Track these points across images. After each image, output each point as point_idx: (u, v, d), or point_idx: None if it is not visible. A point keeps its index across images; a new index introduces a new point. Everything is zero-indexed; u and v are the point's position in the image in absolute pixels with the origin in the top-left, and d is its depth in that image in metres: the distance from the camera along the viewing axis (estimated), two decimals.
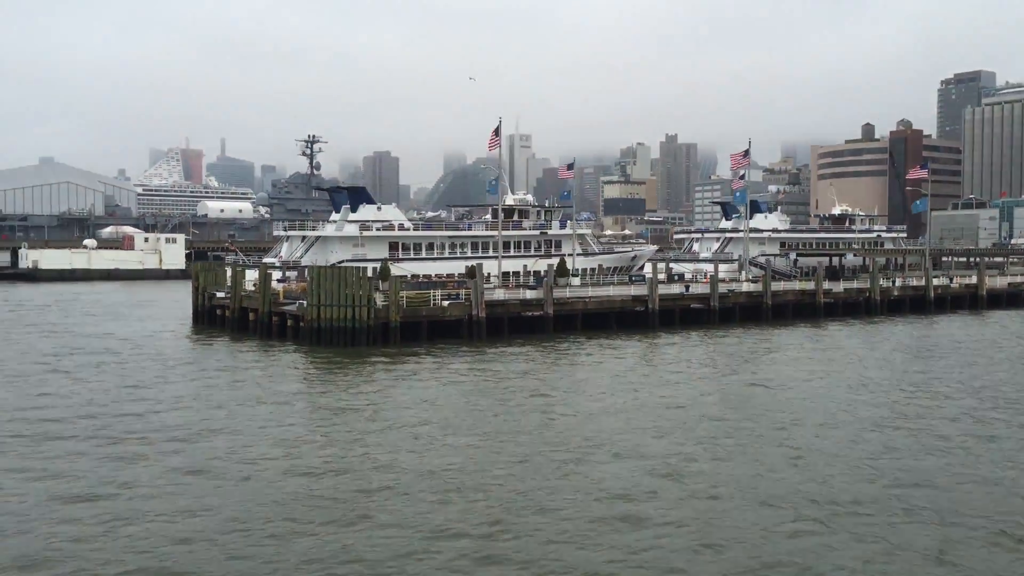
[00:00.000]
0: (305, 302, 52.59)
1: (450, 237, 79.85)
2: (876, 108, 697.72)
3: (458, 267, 76.49)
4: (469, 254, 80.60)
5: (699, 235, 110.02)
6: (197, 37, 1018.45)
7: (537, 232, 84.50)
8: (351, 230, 76.04)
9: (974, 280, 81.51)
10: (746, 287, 69.66)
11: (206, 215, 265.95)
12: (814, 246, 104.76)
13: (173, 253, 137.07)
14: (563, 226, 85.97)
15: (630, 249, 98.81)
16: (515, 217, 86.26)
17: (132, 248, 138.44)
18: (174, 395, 34.81)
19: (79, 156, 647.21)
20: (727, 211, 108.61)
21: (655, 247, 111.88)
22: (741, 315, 66.67)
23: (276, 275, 67.32)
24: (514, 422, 30.48)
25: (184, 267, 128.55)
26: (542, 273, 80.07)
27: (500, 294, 58.66)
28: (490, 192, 63.73)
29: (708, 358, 47.71)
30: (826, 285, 72.90)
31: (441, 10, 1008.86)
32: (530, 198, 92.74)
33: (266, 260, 75.25)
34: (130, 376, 39.49)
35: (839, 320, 68.51)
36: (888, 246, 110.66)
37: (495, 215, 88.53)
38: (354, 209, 78.57)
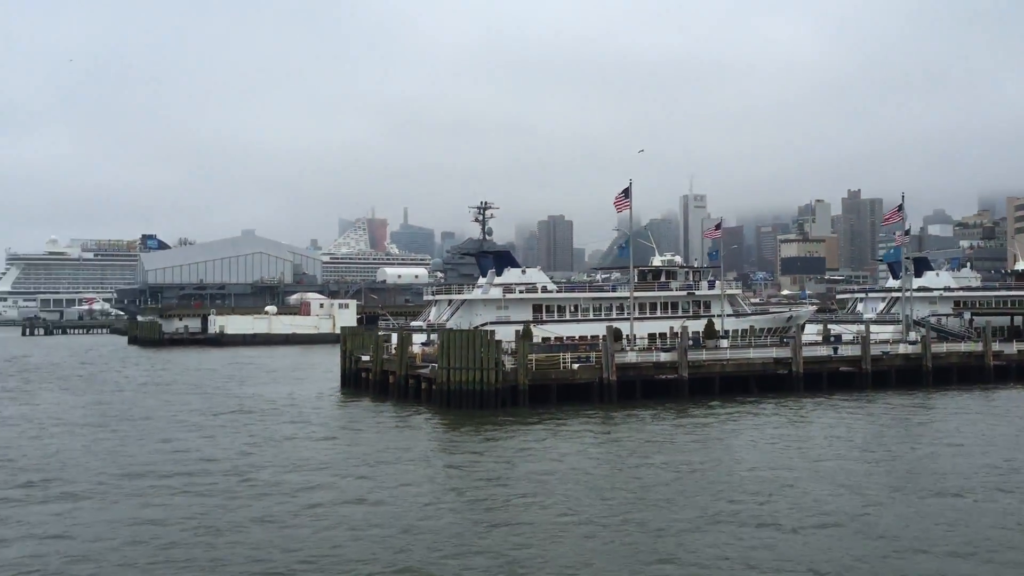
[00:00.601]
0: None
1: (593, 299, 79.95)
2: None
3: (602, 328, 76.24)
4: (614, 315, 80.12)
5: (863, 295, 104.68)
6: (381, 114, 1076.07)
7: (684, 293, 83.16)
8: (495, 293, 77.64)
9: None
10: (903, 349, 65.49)
11: (384, 281, 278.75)
12: (993, 305, 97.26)
13: (346, 318, 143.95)
14: (712, 287, 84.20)
15: (786, 310, 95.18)
16: (662, 278, 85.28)
17: (308, 313, 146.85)
18: (290, 454, 36.49)
19: (277, 228, 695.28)
20: (894, 269, 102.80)
21: (813, 308, 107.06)
22: (897, 379, 62.66)
23: (421, 338, 69.50)
24: (606, 488, 29.83)
25: None
26: (689, 335, 78.80)
27: (632, 357, 57.98)
28: (620, 255, 63.41)
29: (846, 425, 45.06)
30: (998, 347, 67.50)
31: (612, 75, 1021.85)
32: (678, 259, 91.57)
33: (413, 323, 77.97)
34: (258, 435, 41.78)
35: (1013, 385, 63.12)
36: None
37: (642, 277, 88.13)
38: (499, 273, 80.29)
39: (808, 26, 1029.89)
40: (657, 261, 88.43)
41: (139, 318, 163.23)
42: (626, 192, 58.56)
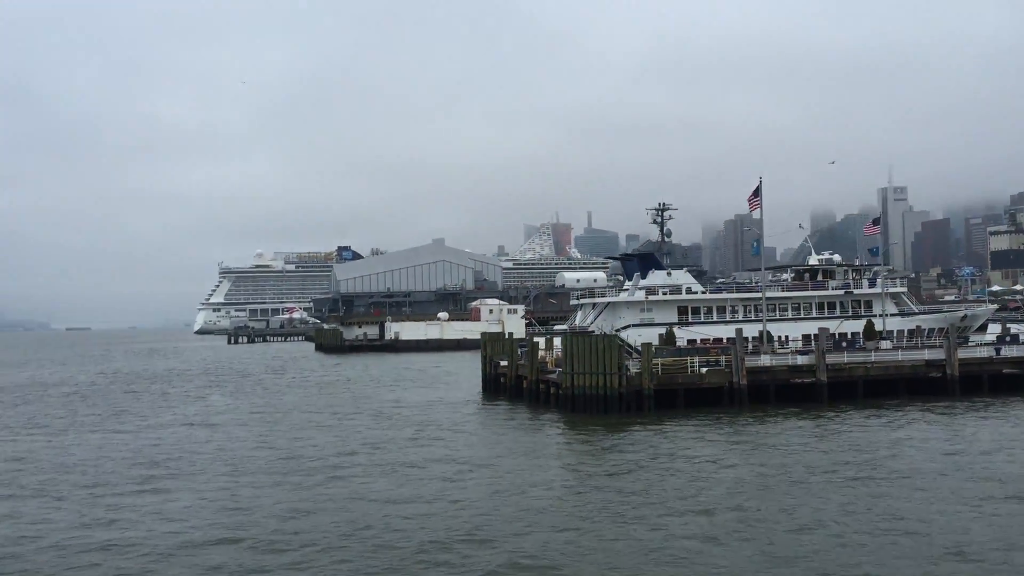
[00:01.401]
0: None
1: (741, 300, 77.53)
2: None
3: (750, 330, 74.04)
4: (765, 317, 77.60)
5: None
6: (562, 122, 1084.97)
7: (841, 292, 79.24)
8: (638, 296, 77.11)
9: None
10: None
11: (563, 285, 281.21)
12: None
13: (514, 323, 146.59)
14: (872, 285, 79.77)
15: (960, 309, 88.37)
16: (819, 277, 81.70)
17: (478, 319, 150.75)
18: (396, 455, 38.11)
19: (465, 237, 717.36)
20: None
21: (994, 306, 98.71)
22: None
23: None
24: (693, 500, 29.26)
25: (524, 336, 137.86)
26: (844, 335, 75.00)
27: (766, 360, 56.08)
28: (753, 254, 61.39)
29: (994, 436, 41.45)
30: None
31: (795, 69, 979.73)
32: (837, 257, 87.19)
33: (556, 327, 78.67)
34: (378, 437, 43.85)
35: None
36: None
37: (799, 276, 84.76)
38: (644, 275, 79.62)
39: (1012, 9, 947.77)
40: (814, 260, 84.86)
41: (324, 326, 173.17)
42: (756, 192, 56.78)
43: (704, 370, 54.22)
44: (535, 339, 65.05)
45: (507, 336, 72.93)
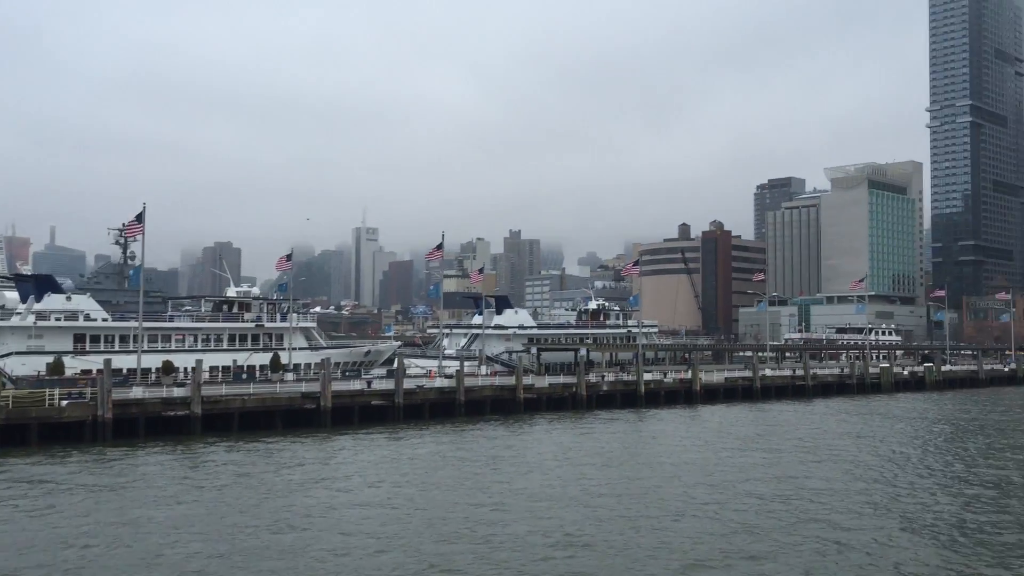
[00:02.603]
0: None
1: (147, 329, 74.53)
2: (702, 210, 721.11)
3: (156, 360, 71.85)
4: (172, 347, 75.95)
5: (448, 331, 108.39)
6: (23, 130, 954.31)
7: (252, 325, 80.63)
8: (29, 320, 70.39)
9: (690, 375, 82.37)
10: (439, 383, 67.77)
11: (3, 306, 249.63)
12: (563, 341, 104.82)
13: None
14: (284, 319, 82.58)
15: (363, 344, 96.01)
16: (235, 309, 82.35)
17: None
18: None
19: None
20: (479, 306, 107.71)
21: (398, 343, 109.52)
22: (432, 412, 64.41)
23: None
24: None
25: None
26: (253, 367, 76.35)
27: (137, 392, 54.39)
28: (131, 284, 59.79)
29: (329, 461, 44.70)
30: (529, 380, 71.99)
31: (280, 108, 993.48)
32: (255, 291, 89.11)
33: None
34: None
35: (541, 415, 67.43)
36: (642, 341, 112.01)
37: (217, 308, 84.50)
38: (39, 299, 72.93)
39: (460, 81, 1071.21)
40: (232, 292, 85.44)
41: None
42: (139, 217, 55.18)
43: (64, 403, 50.75)
44: None
45: None
